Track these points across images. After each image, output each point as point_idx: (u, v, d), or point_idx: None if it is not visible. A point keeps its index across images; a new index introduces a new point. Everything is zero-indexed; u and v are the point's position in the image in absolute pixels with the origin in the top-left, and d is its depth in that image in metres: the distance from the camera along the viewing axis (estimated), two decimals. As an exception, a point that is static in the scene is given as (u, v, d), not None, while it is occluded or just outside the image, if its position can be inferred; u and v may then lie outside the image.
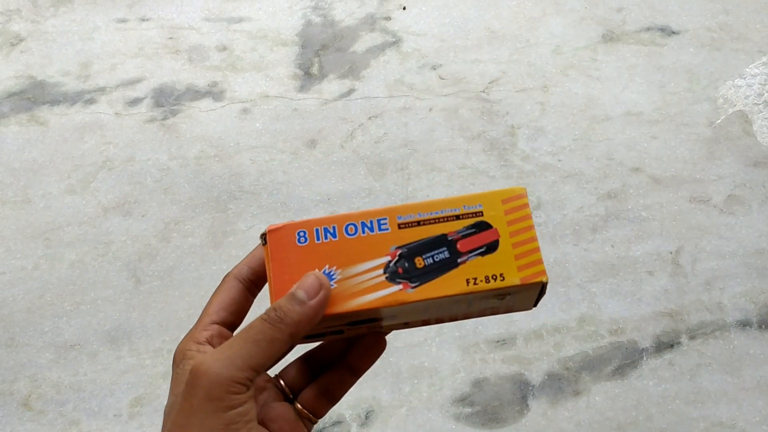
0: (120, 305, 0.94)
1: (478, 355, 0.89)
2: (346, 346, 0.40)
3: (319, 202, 1.02)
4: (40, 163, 1.07)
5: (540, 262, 0.37)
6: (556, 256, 0.95)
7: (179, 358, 0.36)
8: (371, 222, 0.38)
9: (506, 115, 1.10)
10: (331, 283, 0.37)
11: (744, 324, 0.91)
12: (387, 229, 0.38)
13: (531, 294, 0.38)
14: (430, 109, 1.11)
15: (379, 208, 0.38)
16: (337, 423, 0.86)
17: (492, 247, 0.38)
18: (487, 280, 0.37)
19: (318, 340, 0.40)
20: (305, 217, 1.09)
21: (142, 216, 1.02)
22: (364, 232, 0.38)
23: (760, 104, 1.08)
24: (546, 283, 0.38)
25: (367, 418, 0.86)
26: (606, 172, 1.03)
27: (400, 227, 0.38)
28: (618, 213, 1.00)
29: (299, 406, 0.39)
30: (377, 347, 0.40)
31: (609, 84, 1.12)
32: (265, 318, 0.34)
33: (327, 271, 0.37)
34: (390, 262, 0.37)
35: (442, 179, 1.03)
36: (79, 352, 0.91)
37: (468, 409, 0.86)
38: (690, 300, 0.91)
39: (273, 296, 0.37)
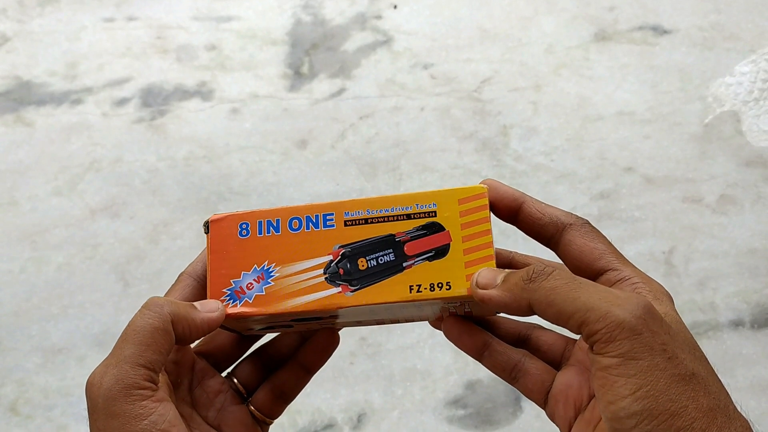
0: (108, 308, 0.93)
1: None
2: (298, 341, 0.39)
3: (310, 203, 1.01)
4: (26, 164, 1.06)
5: None
6: (549, 257, 0.95)
7: None
8: (317, 217, 0.36)
9: (498, 115, 1.09)
10: (269, 280, 0.35)
11: (737, 324, 0.91)
12: (333, 225, 0.36)
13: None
14: (422, 109, 1.10)
15: (326, 202, 0.36)
16: (329, 426, 0.85)
17: (441, 251, 0.35)
18: (431, 288, 0.35)
19: (267, 331, 0.39)
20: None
21: (130, 218, 1.01)
22: (308, 228, 0.36)
23: (750, 102, 1.08)
24: None
25: (359, 421, 0.85)
26: (599, 172, 1.03)
27: (346, 224, 0.36)
28: (611, 213, 0.99)
29: (254, 409, 0.38)
30: (330, 344, 0.39)
31: (601, 83, 1.12)
32: (143, 306, 0.32)
33: (266, 268, 0.35)
34: (332, 261, 0.35)
35: (434, 179, 1.03)
36: (66, 356, 0.90)
37: (461, 412, 0.86)
38: (683, 300, 0.91)
39: (210, 289, 0.36)
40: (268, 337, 0.40)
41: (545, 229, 0.36)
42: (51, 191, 1.03)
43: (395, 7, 1.22)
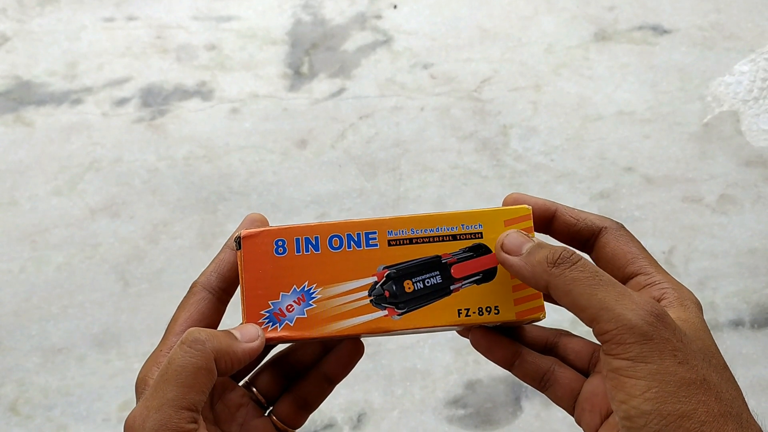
0: (108, 308, 0.93)
1: (471, 356, 0.88)
2: (320, 351, 0.38)
3: (310, 203, 1.01)
4: (26, 164, 1.06)
5: (539, 295, 0.35)
6: (549, 257, 0.95)
7: (141, 387, 0.33)
8: (358, 235, 0.34)
9: (498, 115, 1.09)
10: (310, 302, 0.34)
11: (737, 324, 0.91)
12: (376, 245, 0.34)
13: (527, 323, 0.36)
14: (422, 109, 1.10)
15: (368, 219, 0.34)
16: (329, 426, 0.85)
17: (489, 274, 0.34)
18: (480, 312, 0.34)
19: (288, 343, 0.38)
20: (295, 219, 1.08)
21: (130, 217, 1.01)
22: (350, 247, 0.34)
23: (749, 101, 1.08)
24: (542, 319, 0.35)
25: (359, 420, 0.85)
26: (599, 171, 1.03)
27: (390, 244, 0.34)
28: (611, 213, 0.99)
29: (277, 420, 0.37)
30: (355, 355, 0.38)
31: (601, 83, 1.12)
32: (183, 342, 0.31)
33: (306, 289, 0.34)
34: (376, 283, 0.34)
35: (434, 179, 1.03)
36: (66, 355, 0.90)
37: (461, 411, 0.86)
38: (683, 300, 0.91)
39: (245, 313, 0.34)
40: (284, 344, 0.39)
41: (580, 235, 0.36)
42: (51, 191, 1.03)
43: (395, 6, 1.22)
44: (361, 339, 0.38)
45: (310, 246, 0.34)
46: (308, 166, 1.05)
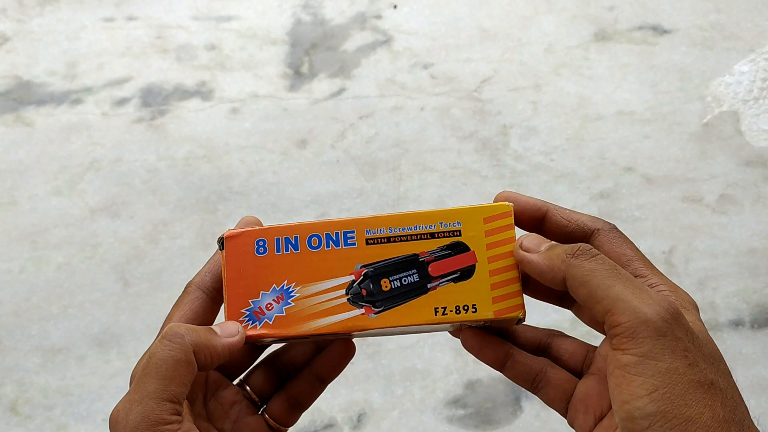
0: (108, 308, 0.93)
1: (471, 356, 0.88)
2: (313, 350, 0.38)
3: (310, 202, 1.01)
4: (26, 164, 1.06)
5: (519, 293, 0.34)
6: (549, 257, 0.95)
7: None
8: (337, 235, 0.35)
9: (498, 115, 1.09)
10: (289, 301, 0.34)
11: (737, 324, 0.91)
12: (354, 244, 0.34)
13: (507, 322, 0.35)
14: (422, 109, 1.10)
15: (347, 219, 0.35)
16: (329, 426, 0.85)
17: (467, 272, 0.34)
18: (457, 310, 0.34)
19: (280, 343, 0.38)
20: (295, 219, 1.08)
21: (130, 218, 1.01)
22: (328, 246, 0.34)
23: (749, 101, 1.08)
24: (522, 318, 0.34)
25: (359, 420, 0.85)
26: (598, 171, 1.03)
27: (368, 243, 0.34)
28: (611, 213, 0.99)
29: (270, 418, 0.37)
30: (346, 355, 0.38)
31: (601, 83, 1.12)
32: (163, 336, 0.31)
33: (285, 288, 0.34)
34: (354, 282, 0.34)
35: (434, 179, 1.03)
36: (66, 355, 0.90)
37: (461, 411, 0.86)
38: (683, 300, 0.91)
39: (227, 310, 0.35)
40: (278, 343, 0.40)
41: (572, 236, 0.35)
42: (51, 191, 1.03)
43: (395, 6, 1.22)
44: (355, 339, 0.38)
45: (289, 245, 0.35)
46: (308, 166, 1.05)
